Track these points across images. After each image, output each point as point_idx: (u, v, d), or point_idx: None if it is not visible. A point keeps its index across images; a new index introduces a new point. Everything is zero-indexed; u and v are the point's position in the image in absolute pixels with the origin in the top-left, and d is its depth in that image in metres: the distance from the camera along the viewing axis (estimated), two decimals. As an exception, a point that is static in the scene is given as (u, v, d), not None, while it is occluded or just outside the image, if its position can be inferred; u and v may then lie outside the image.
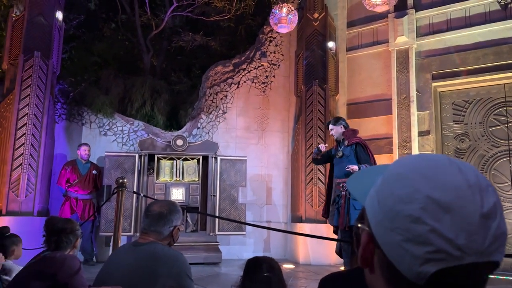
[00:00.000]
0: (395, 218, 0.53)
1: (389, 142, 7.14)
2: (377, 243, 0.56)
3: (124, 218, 6.39)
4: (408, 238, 0.51)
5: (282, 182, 7.88)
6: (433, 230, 0.50)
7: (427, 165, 0.56)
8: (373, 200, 0.58)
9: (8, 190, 5.93)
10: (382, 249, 0.55)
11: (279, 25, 6.60)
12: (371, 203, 0.59)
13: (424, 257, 0.50)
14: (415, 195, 0.52)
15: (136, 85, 8.17)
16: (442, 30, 7.03)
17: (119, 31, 9.45)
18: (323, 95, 7.33)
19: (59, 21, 6.92)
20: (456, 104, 7.01)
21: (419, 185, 0.53)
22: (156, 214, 2.01)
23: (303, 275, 5.71)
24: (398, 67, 7.18)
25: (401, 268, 0.53)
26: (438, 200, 0.51)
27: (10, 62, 6.49)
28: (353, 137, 5.00)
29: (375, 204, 0.57)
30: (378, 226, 0.56)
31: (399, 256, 0.52)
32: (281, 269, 1.94)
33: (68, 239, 2.28)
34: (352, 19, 7.92)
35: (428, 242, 0.50)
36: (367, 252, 0.59)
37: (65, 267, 2.04)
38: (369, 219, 0.58)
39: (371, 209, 0.58)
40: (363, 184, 0.65)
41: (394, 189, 0.55)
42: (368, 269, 0.60)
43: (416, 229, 0.51)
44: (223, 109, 7.89)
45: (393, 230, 0.53)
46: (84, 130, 7.34)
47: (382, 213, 0.55)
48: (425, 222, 0.50)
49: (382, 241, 0.55)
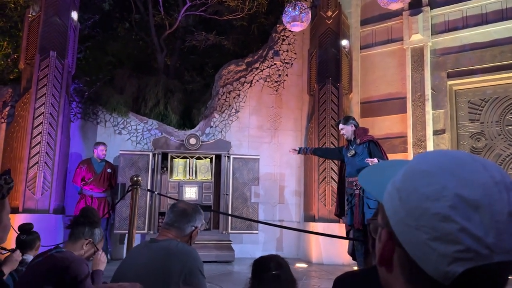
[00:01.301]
0: (421, 216, 0.52)
1: (404, 141, 7.07)
2: (398, 241, 0.55)
3: (138, 216, 6.44)
4: (436, 236, 0.50)
5: (295, 181, 7.86)
6: (463, 228, 0.49)
7: (452, 161, 0.55)
8: (393, 197, 0.57)
9: (24, 188, 6.02)
10: (403, 247, 0.54)
11: (292, 24, 6.58)
12: (390, 200, 0.57)
13: (453, 256, 0.49)
14: (443, 192, 0.51)
15: (150, 84, 8.23)
16: (458, 27, 6.93)
17: (133, 31, 9.53)
18: (336, 93, 7.28)
19: (74, 21, 7.00)
20: (472, 103, 6.90)
21: (446, 182, 0.52)
22: (181, 210, 2.04)
23: (316, 274, 5.69)
24: (412, 65, 7.10)
25: (426, 267, 0.51)
26: (467, 197, 0.50)
27: (27, 62, 6.58)
28: (365, 135, 4.98)
29: (396, 201, 0.56)
30: (399, 223, 0.55)
31: (425, 255, 0.51)
32: (289, 265, 1.92)
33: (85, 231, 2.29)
34: (366, 17, 7.86)
35: (457, 241, 0.49)
36: (386, 250, 0.57)
37: (70, 270, 2.03)
38: (389, 217, 0.57)
39: (391, 206, 0.57)
40: (377, 179, 0.63)
41: (419, 186, 0.54)
42: (385, 268, 0.58)
43: (445, 227, 0.50)
44: (236, 108, 7.89)
45: (418, 228, 0.52)
46: (99, 129, 7.42)
47: (405, 210, 0.54)
48: (454, 220, 0.49)
49: (404, 239, 0.54)
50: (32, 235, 3.13)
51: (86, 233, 2.29)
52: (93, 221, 2.31)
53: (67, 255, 2.15)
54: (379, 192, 0.62)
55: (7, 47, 7.45)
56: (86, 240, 2.29)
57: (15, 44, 7.46)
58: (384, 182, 0.61)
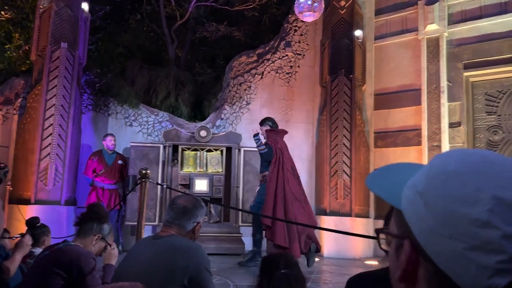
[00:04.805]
0: (455, 223, 0.45)
1: (418, 134, 6.94)
2: (424, 253, 0.48)
3: (149, 208, 6.45)
4: (475, 245, 0.44)
5: (306, 174, 7.77)
6: (506, 235, 0.43)
7: (482, 160, 0.49)
8: (415, 202, 0.50)
9: (36, 179, 6.06)
10: (432, 259, 0.47)
11: (305, 14, 6.45)
12: (412, 206, 0.51)
13: (495, 267, 0.43)
14: (479, 195, 0.45)
15: (161, 76, 8.20)
16: (475, 17, 6.74)
17: (144, 22, 9.49)
18: (349, 85, 7.16)
19: (85, 12, 6.98)
20: (489, 95, 6.73)
21: (481, 183, 0.46)
22: (181, 208, 1.99)
23: (327, 268, 5.63)
24: (428, 56, 6.94)
25: (462, 282, 0.45)
26: (507, 199, 0.44)
27: (38, 54, 6.59)
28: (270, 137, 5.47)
29: (420, 207, 0.49)
30: (426, 233, 0.48)
31: (460, 267, 0.44)
32: (298, 264, 1.87)
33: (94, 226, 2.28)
34: (380, 7, 7.69)
35: (500, 249, 0.43)
36: (410, 264, 0.50)
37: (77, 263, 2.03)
38: (411, 225, 0.50)
39: (414, 213, 0.50)
40: (387, 183, 0.57)
41: (449, 188, 0.47)
42: (405, 284, 0.51)
43: (485, 235, 0.43)
44: (247, 100, 7.82)
45: (452, 237, 0.45)
46: (110, 120, 7.42)
47: (434, 217, 0.47)
48: (496, 226, 0.43)
49: (433, 251, 0.47)
50: (39, 228, 3.13)
51: (94, 229, 2.29)
52: (101, 217, 2.30)
53: (74, 248, 2.14)
54: (393, 197, 0.55)
55: (19, 39, 7.47)
56: (95, 236, 2.29)
57: (27, 35, 7.48)
58: (395, 186, 0.55)
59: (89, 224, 2.29)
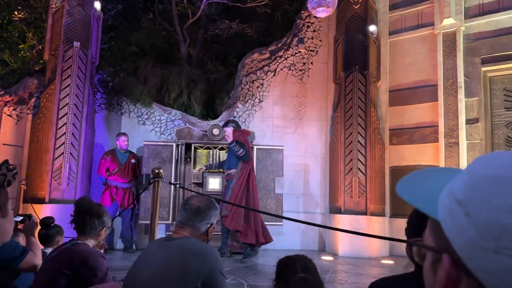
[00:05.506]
0: (501, 236, 0.40)
1: (435, 130, 6.80)
2: (466, 269, 0.43)
3: (162, 207, 6.44)
4: None
5: (320, 172, 7.69)
6: None
7: None
8: (455, 212, 0.44)
9: (50, 178, 6.08)
10: (475, 276, 0.42)
11: (318, 9, 6.36)
12: (451, 217, 0.45)
13: None
14: None
15: (173, 74, 8.18)
16: (493, 10, 6.57)
17: (156, 21, 9.48)
18: (363, 81, 7.04)
19: (97, 11, 6.98)
20: (507, 90, 6.56)
21: None
22: (194, 208, 1.94)
23: (342, 268, 5.54)
24: (444, 51, 6.79)
25: None
26: None
27: (51, 53, 6.61)
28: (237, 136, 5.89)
29: (461, 217, 0.43)
30: (468, 246, 0.42)
31: (508, 285, 0.39)
32: (316, 267, 1.79)
33: (93, 223, 2.23)
34: (395, 1, 7.55)
35: None
36: (451, 281, 0.45)
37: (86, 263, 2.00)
38: (451, 238, 0.45)
39: (454, 224, 0.45)
40: (420, 191, 0.52)
41: (493, 196, 0.42)
42: None
43: None
44: (259, 98, 7.76)
45: (498, 251, 0.40)
46: (123, 119, 7.43)
47: (476, 229, 0.42)
48: None
49: (476, 266, 0.42)
50: (54, 228, 3.11)
51: (97, 225, 2.24)
52: (97, 212, 2.26)
53: (82, 248, 2.12)
54: (428, 206, 0.49)
55: (32, 38, 7.51)
56: (101, 230, 2.27)
57: (40, 35, 7.51)
58: (430, 193, 0.50)
59: (91, 224, 2.25)
